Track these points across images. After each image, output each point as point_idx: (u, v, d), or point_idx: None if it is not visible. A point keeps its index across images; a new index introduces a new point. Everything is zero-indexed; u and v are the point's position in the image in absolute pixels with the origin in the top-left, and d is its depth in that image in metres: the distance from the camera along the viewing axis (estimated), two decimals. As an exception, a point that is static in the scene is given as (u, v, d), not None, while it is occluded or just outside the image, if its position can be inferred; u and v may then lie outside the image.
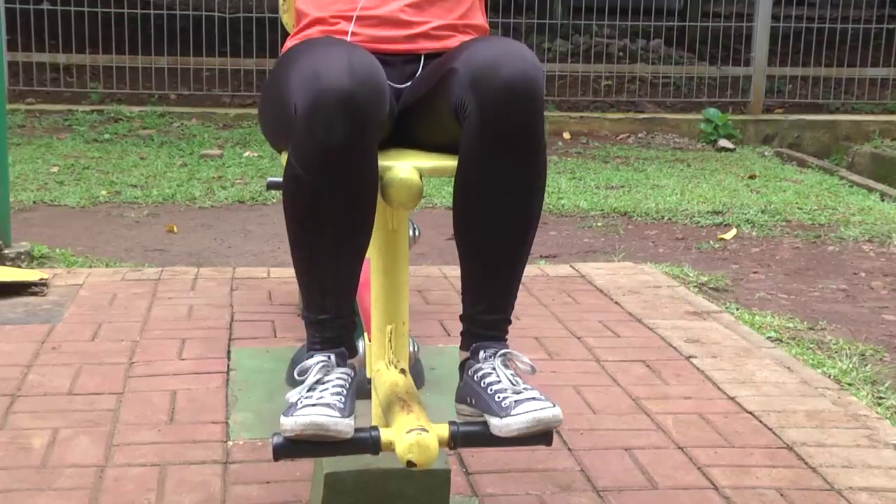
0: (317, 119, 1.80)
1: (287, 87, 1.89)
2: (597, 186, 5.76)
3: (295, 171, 1.86)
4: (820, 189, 5.89)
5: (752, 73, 7.98)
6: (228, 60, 7.71)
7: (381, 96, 1.85)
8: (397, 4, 2.11)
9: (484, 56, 1.90)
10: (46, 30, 7.41)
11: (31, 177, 5.47)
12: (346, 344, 1.95)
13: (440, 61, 2.04)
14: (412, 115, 2.09)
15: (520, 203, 1.96)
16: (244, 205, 5.13)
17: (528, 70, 1.88)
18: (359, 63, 1.82)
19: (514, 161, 1.91)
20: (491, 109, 1.87)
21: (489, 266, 2.00)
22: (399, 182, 1.91)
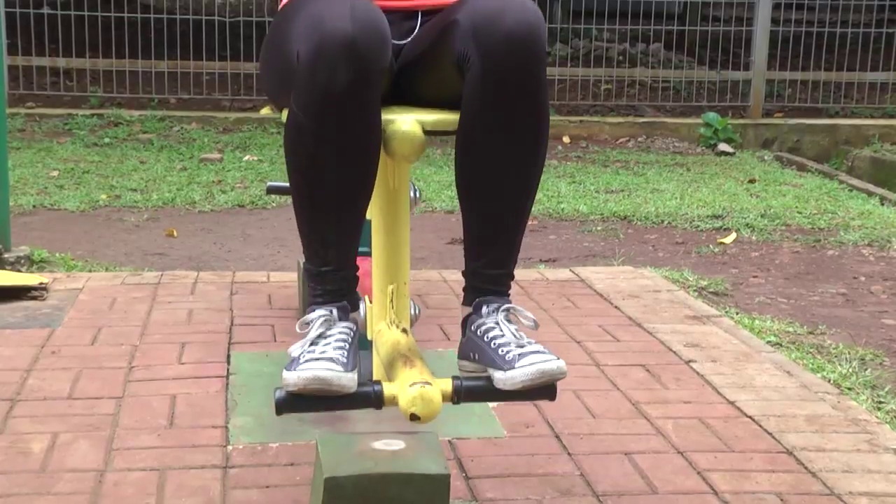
0: (320, 64, 1.79)
1: (289, 36, 1.89)
2: (596, 190, 5.76)
3: (297, 119, 1.85)
4: (820, 193, 5.89)
5: (751, 78, 7.98)
6: (228, 64, 7.72)
7: (384, 42, 1.85)
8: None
9: (486, 6, 1.90)
10: (47, 34, 7.42)
11: (31, 181, 5.47)
12: (348, 297, 1.95)
13: (441, 15, 2.04)
14: (413, 70, 2.08)
15: (522, 154, 1.96)
16: (244, 209, 5.13)
17: (530, 19, 1.88)
18: (361, 9, 1.82)
19: (516, 110, 1.91)
20: (493, 58, 1.87)
21: (492, 219, 1.99)
22: (402, 135, 1.92)
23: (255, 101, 7.71)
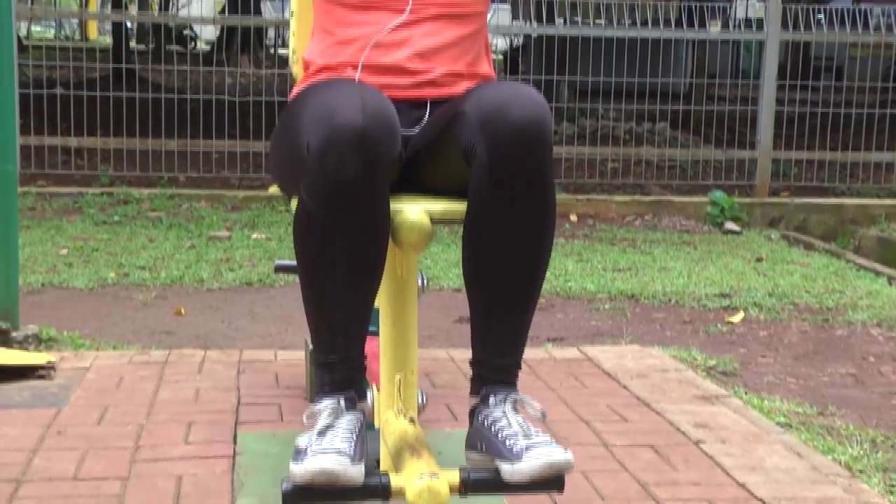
0: (330, 155, 1.81)
1: (300, 126, 1.91)
2: (604, 269, 5.77)
3: (307, 209, 1.87)
4: (827, 272, 5.89)
5: (757, 157, 8.02)
6: (238, 143, 7.78)
7: (393, 133, 1.87)
8: (403, 53, 2.13)
9: (493, 98, 1.92)
10: (59, 114, 7.49)
11: (41, 259, 5.49)
12: (356, 387, 1.94)
13: (448, 105, 2.07)
14: (421, 159, 2.10)
15: (529, 244, 1.96)
16: (252, 287, 5.15)
17: (537, 111, 1.90)
18: (371, 101, 1.84)
19: (523, 201, 1.92)
20: (500, 150, 1.89)
21: (499, 309, 2.00)
22: (409, 224, 1.92)
23: (263, 179, 7.76)
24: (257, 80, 10.57)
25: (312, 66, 2.21)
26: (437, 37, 2.15)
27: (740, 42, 10.34)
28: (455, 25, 2.17)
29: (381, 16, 2.13)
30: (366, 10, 2.15)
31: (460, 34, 2.18)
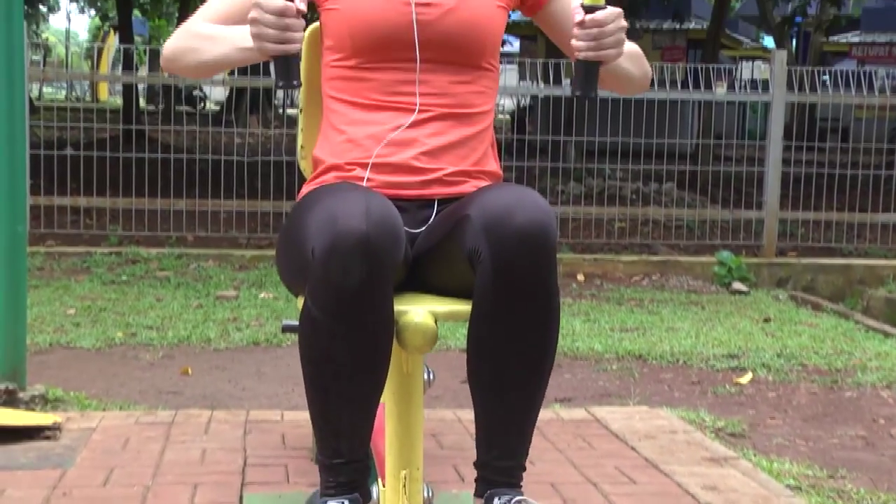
0: (334, 262, 1.82)
1: (305, 230, 1.92)
2: (611, 329, 5.76)
3: (311, 314, 1.88)
4: (835, 333, 5.87)
5: (764, 217, 8.04)
6: (246, 203, 7.82)
7: (397, 240, 1.88)
8: (411, 152, 2.15)
9: (497, 203, 1.93)
10: (69, 174, 7.54)
11: (48, 319, 5.50)
12: (360, 489, 1.94)
13: (454, 207, 2.08)
14: (427, 260, 2.11)
15: (533, 349, 1.97)
16: (259, 346, 5.14)
17: (540, 218, 1.91)
18: (375, 207, 1.86)
19: (526, 308, 1.93)
20: (504, 256, 1.90)
21: (503, 411, 2.00)
22: (414, 326, 1.93)
23: (271, 238, 7.79)
24: (266, 139, 10.65)
25: (322, 165, 2.23)
26: (444, 136, 2.17)
27: (746, 103, 10.40)
28: (462, 125, 2.20)
29: (390, 115, 2.16)
30: (375, 110, 2.18)
31: (467, 133, 2.20)
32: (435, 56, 2.18)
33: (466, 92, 2.21)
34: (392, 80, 2.18)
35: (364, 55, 2.18)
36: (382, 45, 2.16)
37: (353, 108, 2.20)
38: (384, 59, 2.17)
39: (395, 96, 2.18)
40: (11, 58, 3.49)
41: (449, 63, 2.19)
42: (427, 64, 2.18)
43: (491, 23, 2.22)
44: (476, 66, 2.22)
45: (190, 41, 2.14)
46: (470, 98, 2.22)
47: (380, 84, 2.18)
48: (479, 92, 2.24)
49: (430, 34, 2.17)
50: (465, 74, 2.21)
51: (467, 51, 2.19)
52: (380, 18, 2.16)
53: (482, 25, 2.20)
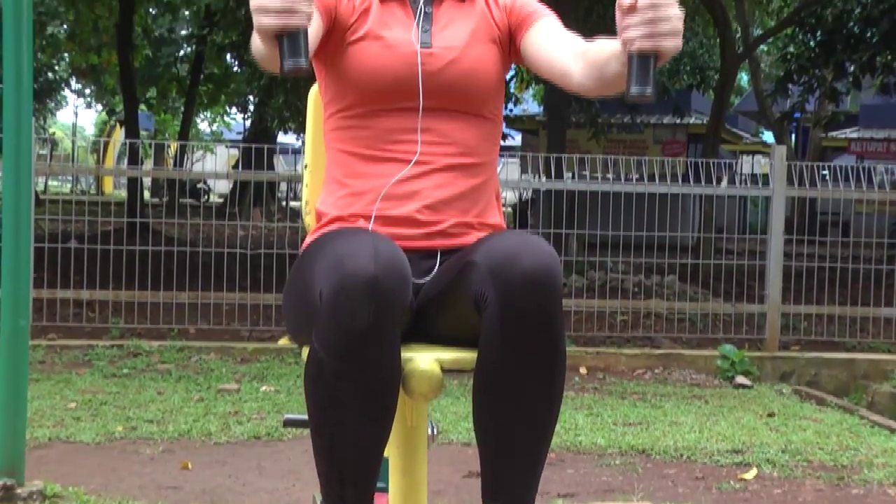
0: (341, 303, 1.82)
1: (312, 275, 1.93)
2: (614, 423, 5.72)
3: (318, 357, 1.87)
4: (840, 428, 5.82)
5: (766, 311, 8.03)
6: (248, 296, 7.82)
7: (405, 282, 1.89)
8: (414, 206, 2.17)
9: (503, 248, 1.95)
10: (72, 266, 7.57)
11: (48, 413, 5.47)
12: None
13: (458, 255, 2.09)
14: (431, 309, 2.11)
15: (540, 394, 1.96)
16: (260, 441, 5.10)
17: (546, 261, 1.92)
18: (383, 249, 1.87)
19: (533, 351, 1.93)
20: (510, 299, 1.90)
21: (510, 458, 1.98)
22: (420, 373, 1.93)
23: (273, 331, 7.79)
24: (269, 232, 10.70)
25: (325, 217, 2.25)
26: (446, 188, 2.19)
27: (747, 197, 10.46)
28: (464, 177, 2.22)
29: (393, 167, 2.19)
30: (377, 162, 2.20)
31: (470, 185, 2.22)
32: (438, 104, 2.21)
33: (469, 141, 2.23)
34: (395, 129, 2.20)
35: (367, 103, 2.21)
36: (386, 93, 2.19)
37: (356, 159, 2.22)
38: (387, 107, 2.20)
39: (398, 145, 2.20)
40: (19, 153, 3.53)
41: (452, 111, 2.22)
42: (430, 112, 2.21)
43: (492, 71, 2.26)
44: (478, 114, 2.25)
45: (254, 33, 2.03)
46: (473, 147, 2.24)
47: (382, 133, 2.21)
48: (482, 141, 2.26)
49: (433, 83, 2.20)
50: (467, 123, 2.23)
51: (470, 99, 2.23)
52: (384, 67, 2.19)
53: (484, 74, 2.24)
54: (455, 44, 2.24)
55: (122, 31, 15.24)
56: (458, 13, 2.30)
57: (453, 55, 2.23)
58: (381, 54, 2.20)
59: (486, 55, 2.26)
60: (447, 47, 2.24)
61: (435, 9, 2.29)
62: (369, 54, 2.20)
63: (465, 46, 2.24)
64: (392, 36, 2.23)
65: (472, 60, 2.23)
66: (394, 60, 2.20)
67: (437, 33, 2.26)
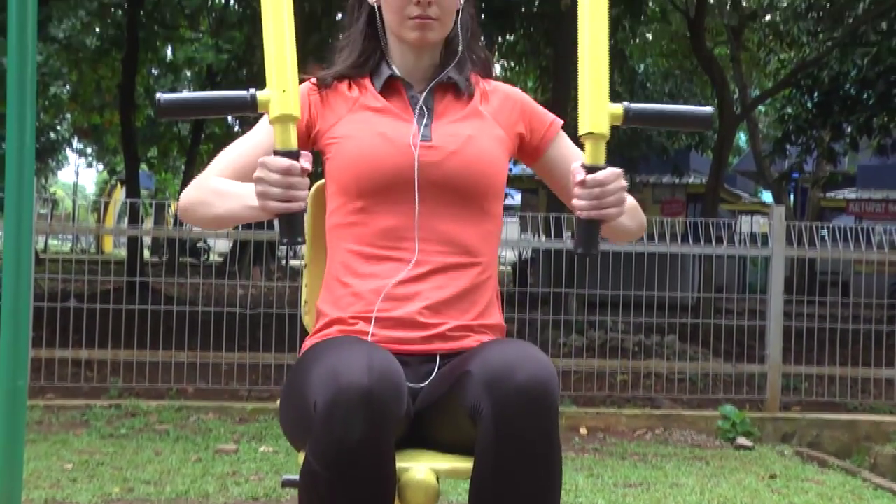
0: (336, 416, 1.82)
1: (307, 384, 1.92)
2: (615, 484, 5.68)
3: (312, 468, 1.86)
4: (843, 491, 5.78)
5: (767, 371, 8.01)
6: (247, 355, 7.80)
7: (399, 394, 1.88)
8: (414, 307, 2.17)
9: (498, 359, 1.94)
10: (71, 326, 7.55)
11: (45, 474, 5.43)
12: None
13: (456, 363, 2.08)
14: (429, 415, 2.11)
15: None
16: (258, 502, 5.06)
17: (542, 375, 1.91)
18: (378, 361, 1.87)
19: (528, 465, 1.92)
20: (505, 413, 1.90)
21: None
22: (416, 484, 1.92)
23: (272, 391, 7.76)
24: (268, 291, 10.70)
25: (324, 318, 2.25)
26: (446, 289, 2.19)
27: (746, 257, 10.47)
28: (464, 276, 2.22)
29: (393, 266, 2.19)
30: (378, 261, 2.20)
31: (469, 285, 2.23)
32: (438, 199, 2.21)
33: (469, 240, 2.24)
34: (395, 227, 2.21)
35: (367, 197, 2.21)
36: (386, 186, 2.20)
37: (357, 258, 2.23)
38: (388, 201, 2.21)
39: (399, 243, 2.20)
40: (21, 213, 3.53)
41: (452, 206, 2.22)
42: (430, 210, 2.21)
43: (493, 165, 2.27)
44: (478, 209, 2.25)
45: (202, 195, 2.19)
46: (473, 247, 2.24)
47: (383, 231, 2.21)
48: (483, 241, 2.26)
49: (433, 176, 2.21)
50: (468, 221, 2.24)
51: (470, 193, 2.23)
52: (383, 160, 2.20)
53: (485, 168, 2.25)
54: (455, 137, 2.26)
55: (124, 91, 15.34)
56: (458, 107, 2.32)
57: (453, 148, 2.24)
58: (381, 147, 2.21)
59: (485, 149, 2.27)
60: (447, 141, 2.25)
61: (435, 103, 2.31)
62: (369, 147, 2.22)
63: (466, 140, 2.26)
64: (391, 130, 2.24)
65: (473, 154, 2.24)
66: (394, 153, 2.21)
67: (436, 127, 2.27)
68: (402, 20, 2.28)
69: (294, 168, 1.95)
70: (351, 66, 2.34)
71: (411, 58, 2.34)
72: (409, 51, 2.33)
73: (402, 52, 2.34)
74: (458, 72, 2.35)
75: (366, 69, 2.35)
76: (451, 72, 2.33)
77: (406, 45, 2.32)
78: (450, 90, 2.34)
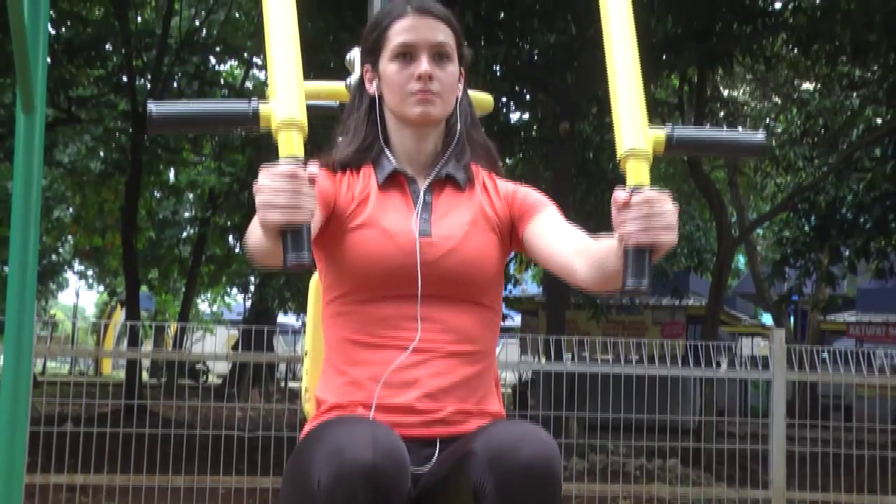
0: (340, 492, 1.81)
1: (310, 462, 1.91)
2: None
3: None
4: None
5: (771, 497, 7.89)
6: (245, 479, 7.70)
7: (403, 470, 1.87)
8: (413, 394, 2.16)
9: (502, 437, 1.93)
10: (68, 450, 7.48)
11: None
12: None
13: (458, 444, 2.07)
14: (430, 498, 2.08)
15: None
16: None
17: (546, 453, 1.90)
18: (382, 437, 1.86)
19: None
20: (509, 490, 1.88)
21: None
22: None
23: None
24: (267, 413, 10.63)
25: (324, 405, 2.24)
26: (446, 377, 2.19)
27: (748, 379, 10.43)
28: (463, 364, 2.22)
29: (391, 354, 2.19)
30: (376, 349, 2.20)
31: (469, 373, 2.22)
32: (437, 292, 2.21)
33: (468, 329, 2.23)
34: (393, 316, 2.20)
35: (366, 290, 2.21)
36: (386, 281, 2.20)
37: (356, 346, 2.22)
38: (386, 294, 2.21)
39: (398, 331, 2.20)
40: (21, 338, 3.53)
41: (451, 298, 2.22)
42: (429, 299, 2.21)
43: (491, 261, 2.27)
44: (478, 302, 2.26)
45: (251, 226, 2.08)
46: (472, 335, 2.24)
47: (381, 320, 2.21)
48: (481, 329, 2.26)
49: (432, 271, 2.21)
50: (466, 311, 2.24)
51: (469, 288, 2.23)
52: (384, 254, 2.21)
53: (483, 263, 2.26)
54: (454, 232, 2.27)
55: (126, 214, 15.48)
56: (458, 202, 2.33)
57: (452, 244, 2.25)
58: (381, 242, 2.22)
59: (485, 244, 2.28)
60: (446, 236, 2.26)
61: (434, 197, 2.33)
62: (369, 242, 2.23)
63: (465, 235, 2.27)
64: (391, 224, 2.25)
65: (472, 249, 2.26)
66: (393, 248, 2.22)
67: (436, 222, 2.28)
68: (404, 97, 2.29)
69: (300, 174, 1.81)
70: (354, 152, 2.35)
71: (412, 143, 2.35)
72: (411, 136, 2.34)
73: (403, 138, 2.35)
74: (459, 159, 2.36)
75: (368, 155, 2.35)
76: (451, 163, 2.35)
77: (408, 127, 2.33)
78: (449, 182, 2.35)
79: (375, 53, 2.34)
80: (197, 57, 15.69)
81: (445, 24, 2.32)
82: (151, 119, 1.89)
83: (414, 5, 2.32)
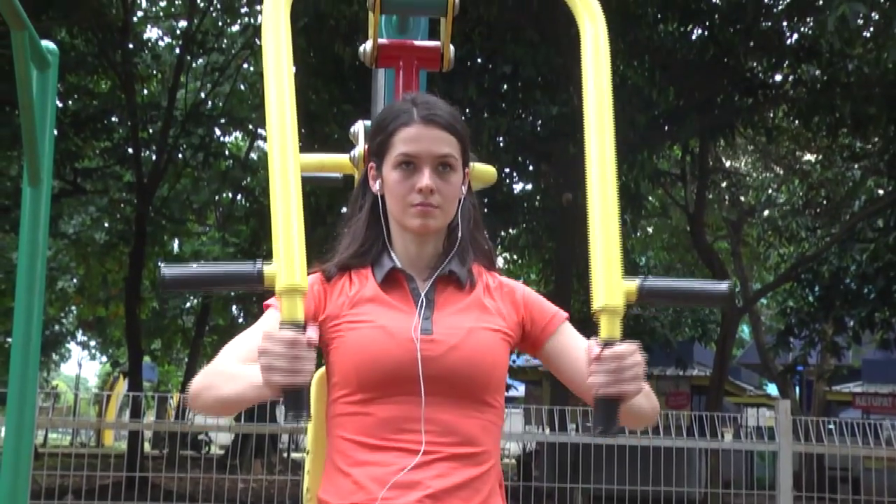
0: None
1: None
2: None
3: None
4: None
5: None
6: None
7: None
8: (415, 495, 2.14)
9: None
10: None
11: None
12: None
13: None
14: None
15: None
16: None
17: None
18: None
19: None
20: None
21: None
22: None
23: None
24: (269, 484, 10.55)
25: None
26: (448, 478, 2.17)
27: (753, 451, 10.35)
28: (466, 466, 2.20)
29: (394, 456, 2.17)
30: (379, 451, 2.19)
31: (472, 475, 2.21)
32: (439, 391, 2.20)
33: (471, 431, 2.22)
34: (396, 418, 2.19)
35: (369, 390, 2.20)
36: (387, 380, 2.19)
37: (359, 448, 2.21)
38: (389, 394, 2.20)
39: (401, 433, 2.18)
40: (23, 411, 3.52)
41: (453, 398, 2.21)
42: (432, 398, 2.20)
43: (494, 358, 2.26)
44: (480, 401, 2.24)
45: (210, 379, 2.16)
46: (475, 435, 2.22)
47: (385, 421, 2.19)
48: (484, 431, 2.24)
49: (434, 370, 2.20)
50: (469, 410, 2.22)
51: (471, 386, 2.22)
52: (384, 353, 2.20)
53: (486, 361, 2.24)
54: (456, 330, 2.26)
55: (130, 284, 15.50)
56: (460, 300, 2.33)
57: (454, 341, 2.24)
58: (382, 341, 2.22)
59: (487, 342, 2.28)
60: (448, 334, 2.25)
61: (436, 295, 2.32)
62: (370, 341, 2.22)
63: (467, 333, 2.26)
64: (391, 322, 2.25)
65: (473, 347, 2.25)
66: (394, 347, 2.21)
67: (438, 320, 2.28)
68: (404, 208, 2.30)
69: (300, 340, 1.95)
70: (353, 255, 2.35)
71: (413, 247, 2.35)
72: (412, 240, 2.35)
73: (405, 241, 2.36)
74: (461, 261, 2.36)
75: (367, 258, 2.36)
76: (454, 262, 2.34)
77: (408, 233, 2.34)
78: (452, 281, 2.35)
79: (380, 156, 2.35)
80: (202, 129, 15.82)
81: (450, 134, 2.32)
82: (164, 281, 2.02)
83: (420, 113, 2.31)
